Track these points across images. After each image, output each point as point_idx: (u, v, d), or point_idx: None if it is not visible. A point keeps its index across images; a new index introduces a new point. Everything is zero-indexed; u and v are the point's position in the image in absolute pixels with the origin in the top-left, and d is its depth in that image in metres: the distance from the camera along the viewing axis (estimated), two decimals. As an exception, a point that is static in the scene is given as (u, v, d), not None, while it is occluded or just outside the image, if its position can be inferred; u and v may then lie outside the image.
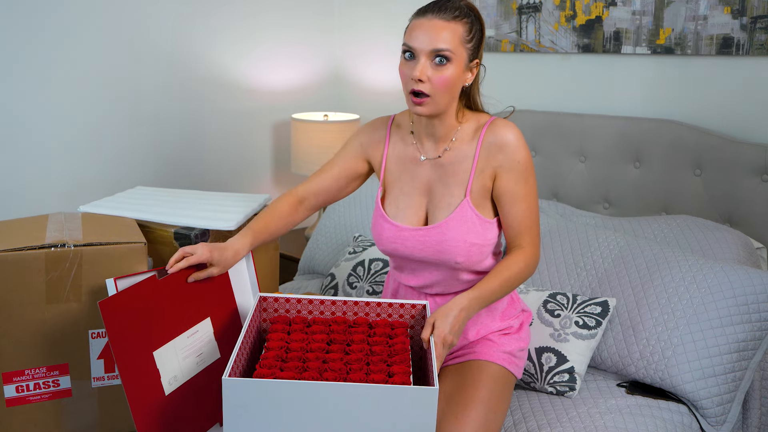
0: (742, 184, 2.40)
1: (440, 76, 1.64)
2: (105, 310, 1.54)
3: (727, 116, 2.50)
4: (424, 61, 1.64)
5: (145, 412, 1.59)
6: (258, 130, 3.48)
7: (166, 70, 3.12)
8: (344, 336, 1.65)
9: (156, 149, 3.14)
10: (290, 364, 1.52)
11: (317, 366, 1.51)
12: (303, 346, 1.60)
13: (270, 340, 1.62)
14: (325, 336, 1.64)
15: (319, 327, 1.68)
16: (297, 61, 3.55)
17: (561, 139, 2.79)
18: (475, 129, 1.76)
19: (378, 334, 1.66)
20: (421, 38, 1.64)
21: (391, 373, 1.50)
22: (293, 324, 1.70)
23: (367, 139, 1.89)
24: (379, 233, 1.83)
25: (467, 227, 1.73)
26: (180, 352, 1.68)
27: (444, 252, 1.74)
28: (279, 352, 1.57)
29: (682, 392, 1.96)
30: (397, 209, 1.81)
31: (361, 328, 1.69)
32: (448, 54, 1.63)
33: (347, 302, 1.72)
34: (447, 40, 1.63)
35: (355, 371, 1.50)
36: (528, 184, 1.74)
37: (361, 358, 1.55)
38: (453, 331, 1.61)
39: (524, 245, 1.75)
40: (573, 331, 2.03)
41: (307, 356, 1.56)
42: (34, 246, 1.66)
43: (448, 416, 1.65)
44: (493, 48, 3.02)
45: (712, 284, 2.03)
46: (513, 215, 1.74)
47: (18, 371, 1.68)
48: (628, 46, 2.67)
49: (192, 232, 1.95)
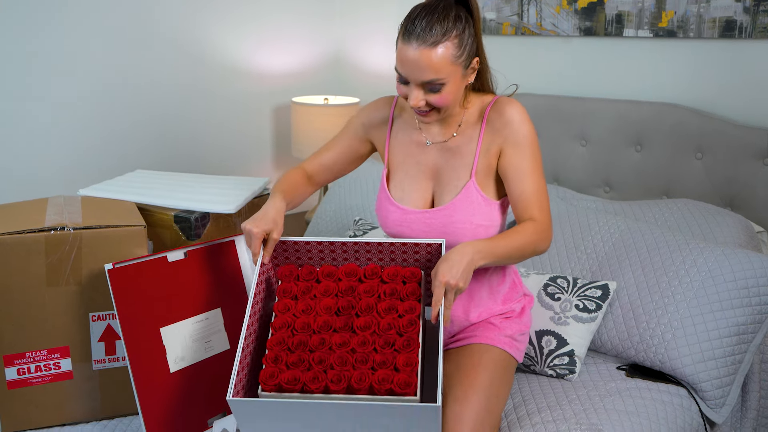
0: (743, 167, 2.39)
1: (437, 98, 1.61)
2: (113, 278, 1.56)
3: (729, 100, 2.49)
4: (417, 91, 1.61)
5: (149, 385, 1.60)
6: (258, 113, 3.47)
7: (166, 54, 3.10)
8: (352, 299, 1.61)
9: (156, 133, 3.13)
10: (296, 355, 1.52)
11: (323, 357, 1.51)
12: (309, 321, 1.57)
13: (276, 314, 1.60)
14: (332, 301, 1.60)
15: (328, 285, 1.64)
16: (297, 45, 3.54)
17: (562, 122, 2.78)
18: (480, 110, 1.75)
19: (388, 294, 1.62)
20: (410, 68, 1.58)
21: (397, 366, 1.48)
22: (301, 280, 1.66)
23: (370, 120, 1.87)
24: (384, 216, 1.82)
25: (473, 209, 1.72)
26: (188, 335, 1.70)
27: (451, 234, 1.72)
28: (285, 335, 1.55)
29: (682, 375, 1.96)
30: (403, 192, 1.80)
31: (371, 283, 1.63)
32: (441, 81, 1.59)
33: (358, 243, 1.67)
34: (436, 69, 1.57)
35: (360, 364, 1.50)
36: (534, 160, 1.70)
37: (368, 339, 1.53)
38: (456, 276, 1.51)
39: (534, 217, 1.68)
40: (573, 314, 2.03)
41: (312, 341, 1.54)
42: (33, 229, 1.66)
43: (450, 400, 1.65)
44: (494, 31, 3.01)
45: (712, 268, 2.03)
46: (520, 190, 1.69)
47: (19, 354, 1.68)
48: (630, 29, 2.66)
49: (192, 215, 1.95)
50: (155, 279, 1.66)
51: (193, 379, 1.68)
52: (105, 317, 1.73)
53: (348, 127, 1.90)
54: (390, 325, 1.56)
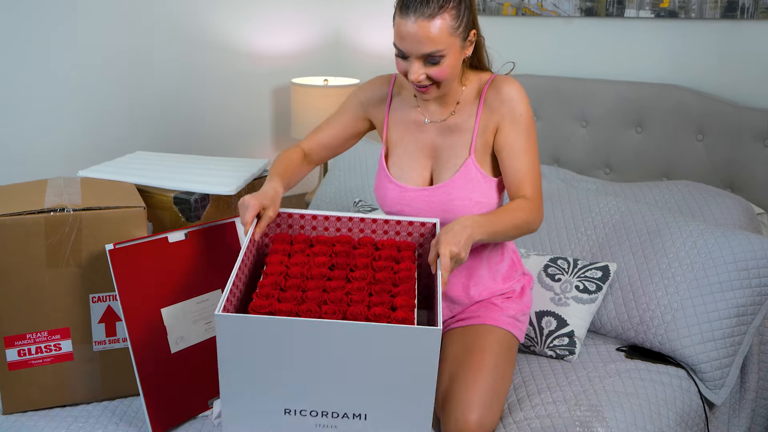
0: (744, 149, 2.39)
1: (437, 70, 1.62)
2: (114, 259, 1.56)
3: (731, 81, 2.48)
4: (418, 65, 1.61)
5: (149, 366, 1.61)
6: (258, 94, 3.45)
7: (166, 35, 3.08)
8: (347, 259, 1.58)
9: (156, 114, 3.12)
10: (289, 293, 1.46)
11: (317, 296, 1.45)
12: (303, 271, 1.53)
13: (269, 264, 1.56)
14: (327, 259, 1.57)
15: (322, 248, 1.61)
16: (297, 26, 3.52)
17: (562, 103, 2.77)
18: (478, 88, 1.77)
19: (383, 257, 1.60)
20: (409, 42, 1.59)
21: (394, 305, 1.44)
22: (294, 243, 1.64)
23: (368, 98, 1.87)
24: (383, 194, 1.82)
25: (472, 186, 1.73)
26: (189, 316, 1.70)
27: (450, 212, 1.73)
28: (278, 278, 1.50)
29: (681, 356, 1.97)
30: (402, 170, 1.81)
31: (366, 249, 1.61)
32: (440, 53, 1.60)
33: (353, 218, 1.66)
34: (435, 40, 1.57)
35: (356, 302, 1.44)
36: (529, 138, 1.72)
37: (364, 287, 1.49)
38: (459, 245, 1.51)
39: (527, 195, 1.69)
40: (573, 295, 2.03)
41: (306, 284, 1.49)
42: (33, 210, 1.65)
43: (459, 383, 1.65)
44: (494, 11, 2.99)
45: (712, 249, 2.03)
46: (515, 168, 1.71)
47: (19, 335, 1.68)
48: (632, 10, 2.64)
49: (192, 196, 1.95)
50: (156, 260, 1.66)
51: (193, 359, 1.68)
52: (105, 299, 1.73)
53: (346, 105, 1.90)
54: (386, 278, 1.52)
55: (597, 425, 1.67)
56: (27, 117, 2.79)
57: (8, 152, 2.76)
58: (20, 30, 2.72)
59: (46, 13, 2.75)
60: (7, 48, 2.70)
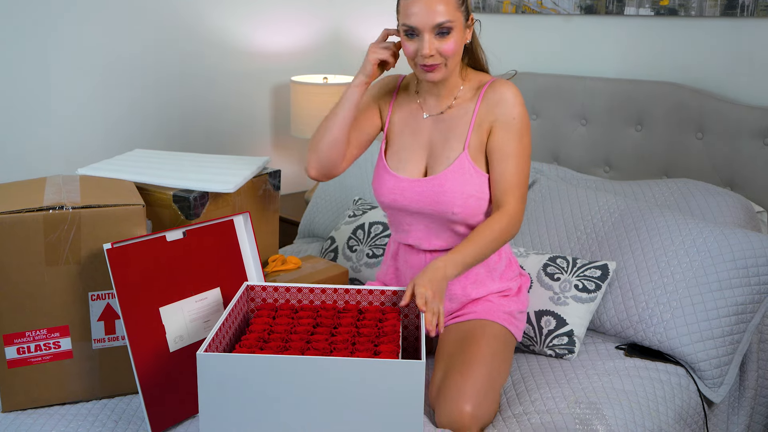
0: (743, 147, 2.39)
1: (446, 45, 1.69)
2: (112, 258, 1.56)
3: (731, 79, 2.48)
4: (429, 37, 1.68)
5: (148, 365, 1.60)
6: (257, 92, 3.45)
7: (165, 33, 3.08)
8: (332, 320, 1.62)
9: (155, 112, 3.12)
10: (272, 344, 1.49)
11: (300, 346, 1.48)
12: (287, 329, 1.58)
13: (254, 323, 1.60)
14: (311, 320, 1.62)
15: (306, 313, 1.66)
16: (296, 24, 3.52)
17: (562, 101, 2.77)
18: (477, 87, 1.82)
19: (368, 318, 1.64)
20: (420, 16, 1.67)
21: (378, 351, 1.47)
22: (279, 310, 1.69)
23: (379, 93, 1.94)
24: (379, 184, 1.87)
25: (464, 179, 1.77)
26: (187, 314, 1.70)
27: (441, 203, 1.77)
28: (261, 335, 1.54)
29: (681, 355, 1.97)
30: (399, 162, 1.86)
31: (350, 313, 1.67)
32: (449, 24, 1.68)
33: (338, 290, 1.71)
34: (444, 12, 1.67)
35: (339, 350, 1.47)
36: (521, 143, 1.76)
37: (348, 338, 1.52)
38: (433, 285, 1.60)
39: (507, 204, 1.75)
40: (572, 294, 2.03)
41: (290, 337, 1.53)
42: (32, 208, 1.65)
43: (453, 373, 1.66)
44: (494, 9, 2.99)
45: (711, 247, 2.03)
46: (501, 171, 1.76)
47: (19, 333, 1.68)
48: (631, 8, 2.64)
49: (191, 194, 1.94)
50: (154, 258, 1.66)
51: (192, 358, 1.68)
52: (104, 296, 1.73)
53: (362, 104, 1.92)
54: (370, 332, 1.56)
55: (596, 423, 1.67)
56: (26, 115, 2.79)
57: (7, 150, 2.76)
58: (19, 29, 2.72)
59: (45, 12, 2.75)
60: (6, 47, 2.70)
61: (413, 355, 1.72)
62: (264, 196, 2.18)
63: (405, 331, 1.72)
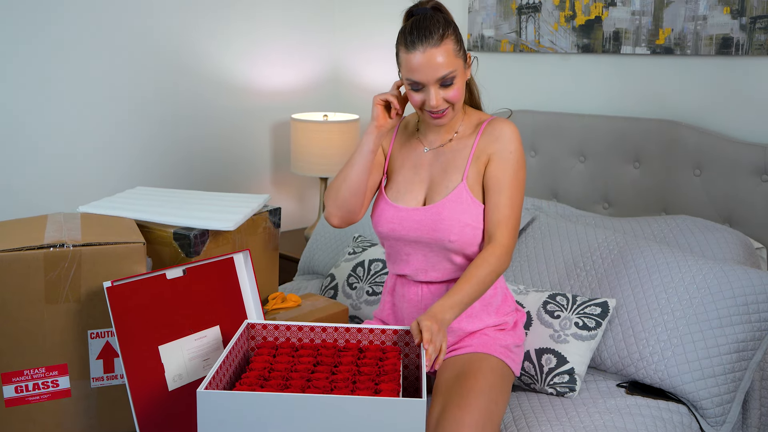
0: (741, 184, 2.40)
1: (452, 93, 1.74)
2: (112, 296, 1.56)
3: (727, 116, 2.50)
4: (434, 90, 1.73)
5: (147, 404, 1.59)
6: (257, 130, 3.47)
7: (165, 71, 3.11)
8: (332, 359, 1.63)
9: (156, 149, 3.14)
10: (272, 382, 1.49)
11: (300, 384, 1.48)
12: (288, 367, 1.58)
13: (254, 362, 1.60)
14: (312, 359, 1.62)
15: (307, 351, 1.67)
16: (296, 61, 3.55)
17: (561, 139, 2.79)
18: (477, 124, 1.87)
19: (368, 357, 1.65)
20: (423, 72, 1.71)
21: (378, 390, 1.47)
22: (280, 348, 1.69)
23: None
24: (378, 215, 1.89)
25: (462, 208, 1.80)
26: (186, 353, 1.69)
27: (438, 231, 1.80)
28: (262, 372, 1.54)
29: (682, 392, 1.96)
30: (398, 193, 1.89)
31: (351, 351, 1.67)
32: (453, 74, 1.72)
33: (338, 329, 1.72)
34: (445, 63, 1.71)
35: (340, 389, 1.47)
36: (516, 177, 1.80)
37: (348, 377, 1.52)
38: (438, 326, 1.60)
39: (498, 239, 1.76)
40: (573, 332, 2.03)
41: (290, 375, 1.53)
42: (32, 246, 1.65)
43: (451, 407, 1.65)
44: (492, 48, 3.02)
45: (711, 284, 2.03)
46: (494, 203, 1.79)
47: (17, 371, 1.67)
48: (628, 47, 2.67)
49: (191, 232, 1.95)
50: (154, 297, 1.66)
51: (191, 397, 1.67)
52: (104, 335, 1.72)
53: None
54: (371, 371, 1.57)
55: (598, 463, 1.66)
56: (27, 152, 2.81)
57: (8, 188, 2.77)
58: (21, 66, 2.74)
59: (47, 48, 2.78)
60: (6, 83, 2.72)
61: (413, 394, 1.72)
62: (264, 233, 2.18)
63: (405, 371, 1.72)
